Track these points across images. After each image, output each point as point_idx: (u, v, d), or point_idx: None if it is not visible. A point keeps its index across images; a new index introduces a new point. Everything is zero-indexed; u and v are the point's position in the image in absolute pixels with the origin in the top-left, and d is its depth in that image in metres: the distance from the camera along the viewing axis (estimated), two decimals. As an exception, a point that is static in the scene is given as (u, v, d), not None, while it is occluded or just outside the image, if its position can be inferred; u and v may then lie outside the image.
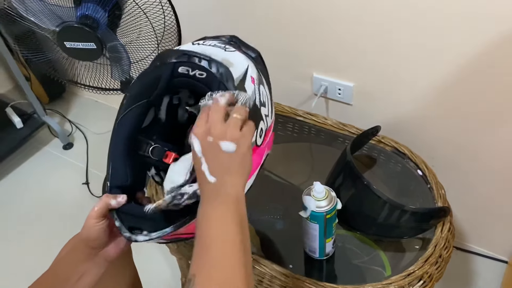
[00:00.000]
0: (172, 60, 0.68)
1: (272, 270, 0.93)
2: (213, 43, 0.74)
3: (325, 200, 0.87)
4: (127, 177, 0.69)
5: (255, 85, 0.70)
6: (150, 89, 0.70)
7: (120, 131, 0.70)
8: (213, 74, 0.66)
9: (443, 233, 0.95)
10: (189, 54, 0.68)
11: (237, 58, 0.72)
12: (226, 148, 0.59)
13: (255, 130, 0.66)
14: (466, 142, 1.19)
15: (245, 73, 0.69)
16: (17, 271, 1.56)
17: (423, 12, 1.03)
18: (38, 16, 1.12)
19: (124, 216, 0.66)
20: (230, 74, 0.66)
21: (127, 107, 0.70)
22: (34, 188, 1.85)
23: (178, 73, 0.68)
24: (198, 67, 0.67)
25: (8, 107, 1.97)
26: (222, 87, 0.65)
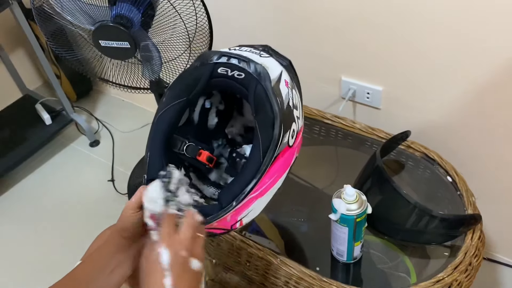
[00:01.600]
0: (212, 60, 0.71)
1: (299, 271, 0.93)
2: (248, 49, 0.77)
3: (355, 203, 0.86)
4: (163, 170, 0.69)
5: (288, 88, 0.73)
6: (190, 88, 0.73)
7: (159, 125, 0.72)
8: (251, 74, 0.69)
9: (473, 241, 0.94)
10: (229, 56, 0.71)
11: (272, 63, 0.74)
12: (195, 266, 0.59)
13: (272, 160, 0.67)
14: (497, 151, 1.17)
15: (279, 76, 0.72)
16: (43, 265, 1.59)
17: (456, 17, 1.02)
18: (74, 15, 1.15)
19: None
20: (267, 74, 0.69)
21: (168, 103, 0.73)
22: (61, 183, 1.89)
23: (217, 73, 0.71)
24: (236, 67, 0.70)
25: (38, 103, 2.01)
26: (259, 87, 0.68)
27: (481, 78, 1.07)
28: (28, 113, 2.02)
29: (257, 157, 0.67)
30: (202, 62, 0.73)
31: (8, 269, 1.61)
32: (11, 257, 1.66)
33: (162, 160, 0.70)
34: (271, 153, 0.67)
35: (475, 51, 1.04)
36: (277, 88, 0.70)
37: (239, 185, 0.67)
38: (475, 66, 1.06)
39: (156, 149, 0.71)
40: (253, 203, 0.69)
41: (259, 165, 0.67)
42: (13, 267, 1.62)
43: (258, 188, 0.68)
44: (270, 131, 0.67)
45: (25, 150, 1.88)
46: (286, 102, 0.70)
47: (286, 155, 0.71)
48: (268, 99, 0.68)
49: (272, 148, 0.67)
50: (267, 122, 0.68)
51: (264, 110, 0.68)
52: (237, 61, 0.70)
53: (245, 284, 1.10)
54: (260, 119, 0.68)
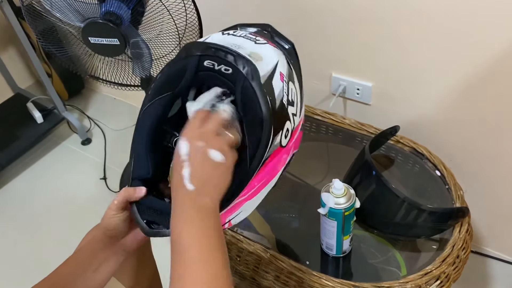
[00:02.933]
0: (197, 52, 0.65)
1: (289, 266, 0.93)
2: (243, 34, 0.72)
3: (344, 197, 0.87)
4: (148, 170, 0.68)
5: (284, 82, 0.67)
6: (175, 81, 0.68)
7: (143, 122, 0.68)
8: (239, 70, 0.63)
9: (461, 234, 0.95)
10: (215, 48, 0.65)
11: (267, 51, 0.69)
12: (214, 156, 0.59)
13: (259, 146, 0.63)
14: (485, 145, 1.18)
15: (273, 68, 0.66)
16: (34, 263, 1.58)
17: (444, 13, 1.02)
18: (64, 12, 1.15)
19: (143, 209, 0.65)
20: (256, 72, 0.63)
21: (151, 98, 0.68)
22: (53, 182, 1.88)
23: (203, 66, 0.65)
24: (223, 62, 0.64)
25: (29, 102, 2.00)
26: (247, 85, 0.63)
27: (470, 73, 1.08)
28: (19, 111, 2.00)
29: (243, 163, 0.63)
30: (188, 54, 0.67)
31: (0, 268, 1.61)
32: (2, 255, 1.65)
33: (147, 158, 0.68)
34: (258, 157, 0.63)
35: (463, 46, 1.05)
36: (268, 84, 0.64)
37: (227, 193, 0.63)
38: (463, 61, 1.07)
39: (141, 147, 0.68)
40: (242, 206, 0.66)
41: (245, 173, 0.63)
42: (4, 265, 1.61)
43: (246, 193, 0.65)
44: (258, 134, 0.62)
45: (17, 149, 1.87)
46: (279, 99, 0.65)
47: (279, 156, 0.67)
48: (256, 98, 0.62)
49: (260, 152, 0.63)
50: (254, 125, 0.63)
51: (252, 111, 0.62)
52: (224, 54, 0.64)
53: (237, 279, 1.11)
54: (248, 120, 0.64)
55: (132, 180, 0.67)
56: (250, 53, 0.66)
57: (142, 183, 0.67)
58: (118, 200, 0.64)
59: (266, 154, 0.64)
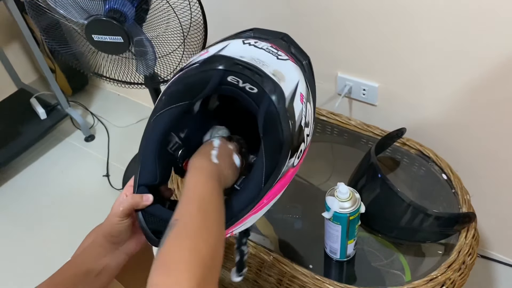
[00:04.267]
0: (223, 67, 0.63)
1: (292, 269, 0.92)
2: (265, 46, 0.69)
3: (349, 201, 0.86)
4: (156, 177, 0.67)
5: (303, 104, 0.66)
6: (194, 92, 0.66)
7: (154, 129, 0.67)
8: (265, 92, 0.62)
9: (467, 239, 0.94)
10: (242, 65, 0.63)
11: (289, 69, 0.67)
12: (235, 159, 0.70)
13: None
14: (493, 149, 1.17)
15: (295, 89, 0.65)
16: (37, 260, 1.58)
17: (453, 15, 1.01)
18: (67, 9, 1.14)
19: (149, 217, 0.65)
20: (282, 96, 0.62)
21: (166, 105, 0.66)
22: (56, 178, 1.88)
23: (226, 81, 0.63)
24: (249, 80, 0.62)
25: (33, 97, 2.00)
26: (272, 107, 0.61)
27: (478, 76, 1.06)
28: (23, 107, 2.00)
29: (259, 181, 0.63)
30: (211, 67, 0.64)
31: (2, 264, 1.61)
32: (5, 252, 1.65)
33: (155, 166, 0.66)
34: (274, 178, 0.63)
35: (472, 48, 1.03)
36: (291, 107, 0.63)
37: (235, 208, 0.64)
38: (471, 63, 1.06)
39: (150, 153, 0.66)
40: (248, 219, 0.66)
41: (259, 190, 0.63)
42: (7, 262, 1.61)
43: (254, 209, 0.65)
44: (276, 157, 0.63)
45: (20, 145, 1.86)
46: (298, 122, 0.64)
47: (289, 174, 0.67)
48: (280, 123, 0.61)
49: (276, 173, 0.63)
50: (274, 147, 0.62)
51: (273, 134, 0.62)
52: (251, 73, 0.62)
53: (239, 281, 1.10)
54: (267, 142, 0.63)
55: (139, 186, 0.66)
56: (274, 71, 0.64)
57: (148, 190, 0.66)
58: (124, 207, 0.64)
59: (280, 175, 0.64)
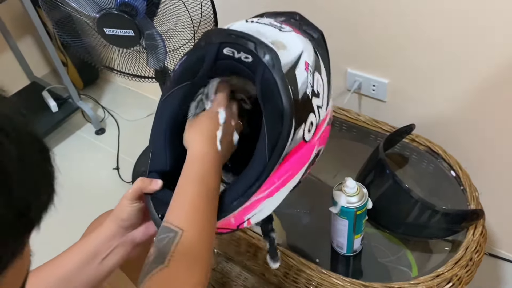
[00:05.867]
0: (217, 40, 0.62)
1: (298, 263, 0.93)
2: (268, 22, 0.68)
3: (356, 196, 0.86)
4: (166, 162, 0.66)
5: (309, 72, 0.63)
6: (194, 70, 0.65)
7: (162, 113, 0.67)
8: (259, 58, 0.60)
9: (475, 236, 0.94)
10: (235, 35, 0.61)
11: (292, 40, 0.65)
12: (235, 137, 0.69)
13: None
14: (502, 147, 1.16)
15: (298, 57, 0.62)
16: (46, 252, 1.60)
17: (465, 9, 1.00)
18: (79, 2, 1.15)
19: (157, 202, 0.64)
20: (278, 61, 0.60)
21: (170, 88, 0.67)
22: (66, 171, 1.90)
23: (223, 54, 0.62)
24: (244, 49, 0.61)
25: (45, 90, 2.02)
26: (267, 74, 0.59)
27: (489, 73, 1.06)
28: (34, 100, 2.02)
29: (263, 156, 0.60)
30: (207, 41, 0.64)
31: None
32: (17, 242, 1.68)
33: (165, 150, 0.66)
34: (278, 151, 0.60)
35: (483, 45, 1.02)
36: (291, 74, 0.60)
37: (242, 187, 0.62)
38: (483, 60, 1.05)
39: (159, 138, 0.66)
40: (261, 204, 0.63)
41: (264, 165, 0.60)
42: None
43: (265, 189, 0.62)
44: (278, 126, 0.59)
45: (32, 137, 1.89)
46: (302, 90, 0.61)
47: (302, 151, 0.63)
48: (277, 88, 0.59)
49: (280, 145, 0.60)
50: (275, 116, 0.59)
51: (272, 101, 0.59)
52: (244, 41, 0.60)
53: (246, 274, 1.11)
54: (267, 112, 0.60)
55: (149, 172, 0.66)
56: (272, 41, 0.62)
57: (159, 176, 0.66)
58: (133, 189, 0.64)
59: (287, 148, 0.60)
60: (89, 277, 0.64)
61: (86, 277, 0.64)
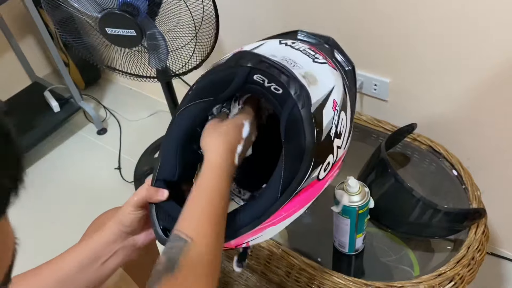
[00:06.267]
0: (249, 64, 0.61)
1: (300, 262, 0.93)
2: (302, 48, 0.67)
3: (358, 195, 0.86)
4: (174, 173, 0.66)
5: (336, 112, 0.62)
6: (219, 88, 0.64)
7: (178, 124, 0.66)
8: (290, 94, 0.58)
9: (477, 235, 0.94)
10: (268, 63, 0.60)
11: (324, 74, 0.64)
12: (248, 152, 0.71)
13: None
14: (504, 145, 1.16)
15: (328, 95, 0.61)
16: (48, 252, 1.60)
17: (466, 8, 1.00)
18: (81, 2, 1.15)
19: (161, 213, 0.64)
20: (308, 100, 0.58)
21: (191, 100, 0.65)
22: (68, 171, 1.90)
23: (252, 79, 0.61)
24: (275, 80, 0.59)
25: (47, 91, 2.02)
26: (295, 111, 0.58)
27: (491, 71, 1.06)
28: (36, 100, 2.02)
29: (275, 191, 0.60)
30: (238, 63, 0.62)
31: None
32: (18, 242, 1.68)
33: (175, 161, 0.66)
34: (291, 190, 0.60)
35: (485, 44, 1.02)
36: (318, 113, 0.59)
37: (249, 217, 0.62)
38: (484, 59, 1.05)
39: (172, 148, 0.66)
40: (264, 230, 0.63)
41: (275, 200, 0.60)
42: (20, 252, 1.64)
43: (271, 219, 0.62)
44: (296, 166, 0.58)
45: (33, 137, 1.89)
46: (326, 131, 0.60)
47: (313, 188, 0.63)
48: (302, 128, 0.58)
49: (294, 185, 0.59)
50: (295, 154, 0.58)
51: (295, 140, 0.58)
52: (277, 72, 0.59)
53: (247, 273, 1.11)
54: (288, 148, 0.59)
55: (156, 180, 0.66)
56: (305, 74, 0.61)
57: (165, 185, 0.66)
58: (138, 197, 0.64)
59: (300, 186, 0.60)
60: (89, 279, 0.64)
61: (86, 279, 0.64)
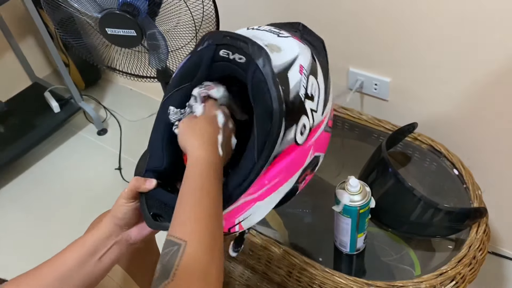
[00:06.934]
0: (213, 42, 0.64)
1: (302, 262, 0.93)
2: (268, 28, 0.70)
3: (359, 194, 0.86)
4: (162, 162, 0.67)
5: (303, 75, 0.64)
6: (192, 72, 0.67)
7: (162, 114, 0.68)
8: (252, 58, 0.61)
9: (478, 235, 0.93)
10: (230, 36, 0.63)
11: (288, 44, 0.67)
12: (233, 141, 0.68)
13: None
14: (504, 144, 1.16)
15: (292, 60, 0.64)
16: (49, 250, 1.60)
17: (466, 7, 1.00)
18: (81, 2, 1.15)
19: (152, 201, 0.64)
20: (269, 60, 0.61)
21: (170, 90, 0.68)
22: (69, 171, 1.90)
23: (219, 56, 0.64)
24: (237, 50, 0.62)
25: (47, 91, 2.02)
26: (258, 73, 0.60)
27: (491, 71, 1.05)
28: (37, 101, 2.02)
29: (252, 155, 0.61)
30: (204, 44, 0.66)
31: (16, 254, 1.63)
32: (19, 242, 1.68)
33: (163, 150, 0.67)
34: (267, 150, 0.60)
35: (486, 43, 1.02)
36: (283, 75, 0.61)
37: (230, 186, 0.62)
38: (484, 58, 1.05)
39: (157, 139, 0.68)
40: (251, 207, 0.64)
41: (253, 164, 0.61)
42: (21, 252, 1.64)
43: (255, 190, 0.62)
44: (267, 125, 0.60)
45: (34, 138, 1.89)
46: (294, 91, 0.62)
47: (295, 155, 0.63)
48: (267, 87, 0.59)
49: (269, 145, 0.60)
50: (264, 115, 0.60)
51: (262, 101, 0.60)
52: (239, 42, 0.62)
53: (248, 273, 1.10)
54: (257, 110, 0.61)
55: (146, 171, 0.67)
56: (268, 44, 0.63)
57: (155, 175, 0.66)
58: (128, 188, 0.65)
59: (277, 148, 0.61)
60: (87, 275, 0.65)
61: (84, 275, 0.64)
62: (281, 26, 0.76)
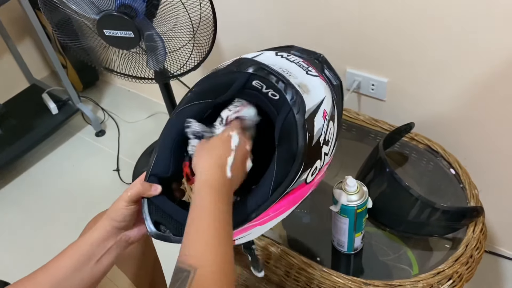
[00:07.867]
0: (249, 70, 0.65)
1: (299, 261, 0.93)
2: (297, 61, 0.71)
3: (356, 194, 0.87)
4: (168, 169, 0.67)
5: (325, 121, 0.67)
6: (219, 91, 0.67)
7: (175, 122, 0.68)
8: (286, 100, 0.62)
9: (475, 233, 0.94)
10: (267, 70, 0.64)
11: (316, 85, 0.69)
12: (248, 164, 0.66)
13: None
14: (501, 144, 1.16)
15: (319, 104, 0.66)
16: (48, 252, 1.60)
17: (462, 8, 1.00)
18: (79, 4, 1.15)
19: (154, 208, 0.65)
20: (303, 106, 0.63)
21: (190, 101, 0.68)
22: (67, 172, 1.91)
23: (251, 85, 0.65)
24: (272, 86, 0.63)
25: (45, 93, 2.02)
26: (290, 116, 0.62)
27: (488, 71, 1.06)
28: (35, 102, 2.03)
29: (266, 191, 0.63)
30: (239, 69, 0.66)
31: (14, 256, 1.63)
32: (17, 244, 1.68)
33: (169, 158, 0.67)
34: (281, 190, 0.63)
35: (483, 43, 1.03)
36: (311, 120, 0.64)
37: (240, 215, 0.63)
38: (481, 58, 1.05)
39: (168, 145, 0.67)
40: (251, 230, 0.66)
41: (265, 200, 0.63)
42: (19, 254, 1.64)
43: (259, 218, 0.64)
44: (287, 168, 0.62)
45: (32, 139, 1.89)
46: (316, 137, 0.65)
47: (300, 191, 0.67)
48: (296, 132, 0.62)
49: (284, 186, 0.63)
50: (287, 157, 0.62)
51: (288, 143, 0.62)
52: (276, 80, 0.63)
53: (247, 274, 1.11)
54: (281, 151, 0.63)
55: (150, 175, 0.67)
56: (299, 83, 0.65)
57: (158, 181, 0.67)
58: (132, 192, 0.64)
59: (289, 188, 0.63)
60: (84, 279, 0.64)
61: (81, 279, 0.64)
62: (304, 52, 0.77)
